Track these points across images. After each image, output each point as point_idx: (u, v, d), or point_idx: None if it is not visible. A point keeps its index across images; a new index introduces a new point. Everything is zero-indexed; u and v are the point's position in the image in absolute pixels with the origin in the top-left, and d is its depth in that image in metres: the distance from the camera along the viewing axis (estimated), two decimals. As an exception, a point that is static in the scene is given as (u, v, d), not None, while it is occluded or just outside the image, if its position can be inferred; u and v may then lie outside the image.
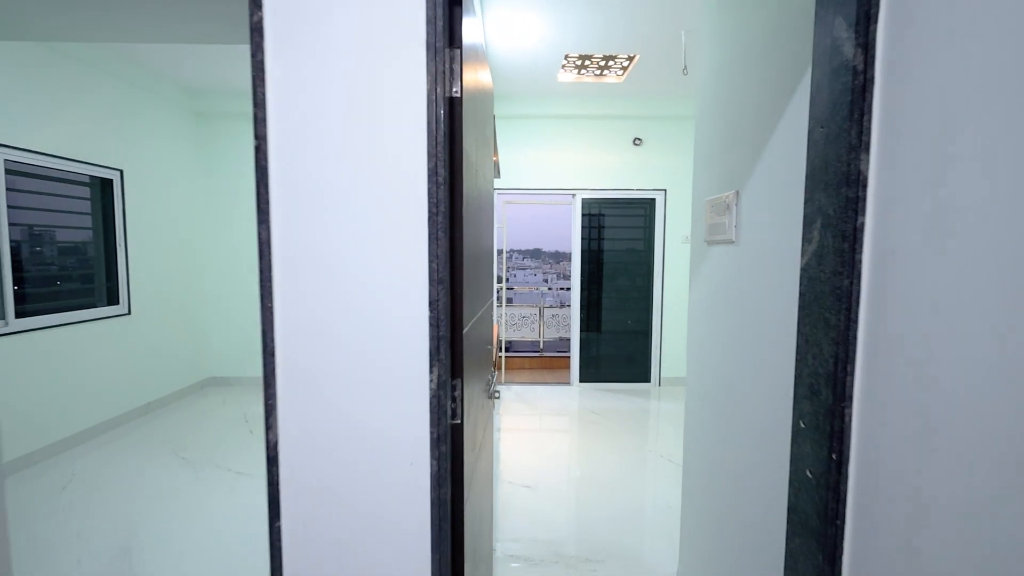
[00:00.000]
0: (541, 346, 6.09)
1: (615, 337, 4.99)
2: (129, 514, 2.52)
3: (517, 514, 2.58)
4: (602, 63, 3.85)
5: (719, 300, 1.62)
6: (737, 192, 1.47)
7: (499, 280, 5.29)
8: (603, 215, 4.91)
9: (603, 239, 4.94)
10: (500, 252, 5.38)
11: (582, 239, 4.88)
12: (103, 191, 3.72)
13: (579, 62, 3.84)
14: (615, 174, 4.80)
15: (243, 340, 4.77)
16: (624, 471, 3.10)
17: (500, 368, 5.31)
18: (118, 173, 3.75)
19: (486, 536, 1.59)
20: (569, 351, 5.08)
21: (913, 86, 0.82)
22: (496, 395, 1.70)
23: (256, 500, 2.67)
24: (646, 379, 4.96)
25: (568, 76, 4.12)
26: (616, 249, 4.94)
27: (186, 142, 4.49)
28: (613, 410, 4.26)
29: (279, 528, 0.96)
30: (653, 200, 4.84)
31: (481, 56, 1.42)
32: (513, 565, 2.15)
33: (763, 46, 1.35)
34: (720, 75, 1.66)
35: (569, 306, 5.12)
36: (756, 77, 1.39)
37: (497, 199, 4.87)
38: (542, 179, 4.83)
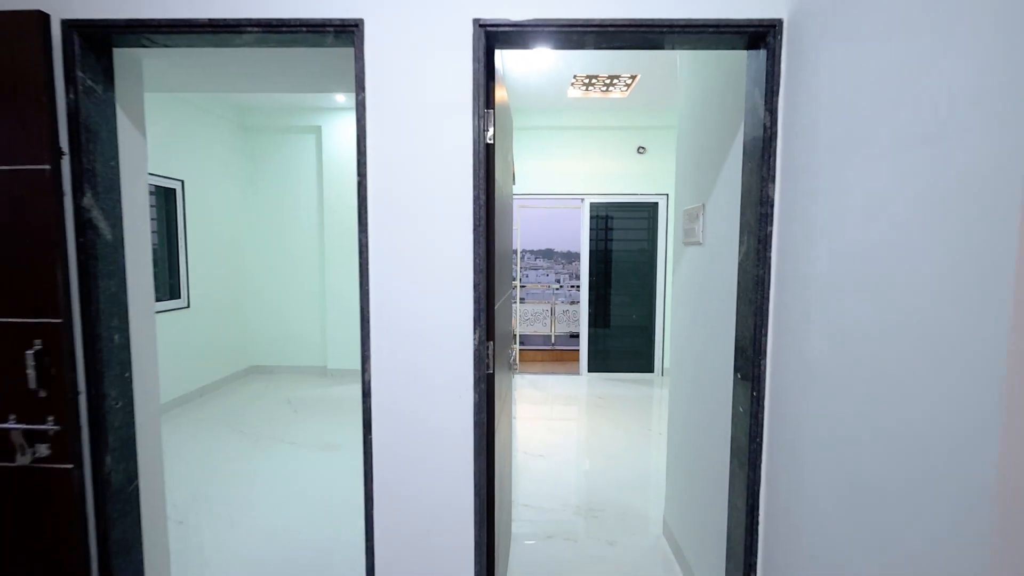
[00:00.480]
0: (553, 340, 6.51)
1: (621, 331, 5.40)
2: (204, 472, 3.01)
3: (531, 477, 3.01)
4: (607, 81, 4.26)
5: (692, 289, 2.04)
6: (703, 204, 1.88)
7: (514, 278, 5.75)
8: (610, 217, 5.32)
9: (610, 240, 5.35)
10: (515, 252, 5.82)
11: (590, 240, 5.29)
12: (167, 199, 4.24)
13: (586, 80, 4.25)
14: (620, 180, 5.20)
15: (282, 332, 5.27)
16: (626, 445, 3.51)
17: (516, 361, 5.75)
18: (180, 183, 4.27)
19: (507, 463, 2.02)
20: (578, 345, 5.49)
21: (797, 140, 1.24)
22: (515, 366, 2.13)
23: (307, 462, 3.14)
24: (650, 370, 5.36)
25: (576, 92, 4.54)
26: (622, 250, 5.34)
27: (236, 154, 5.00)
28: (618, 396, 4.66)
29: (371, 440, 1.41)
30: (656, 204, 5.23)
31: (503, 87, 1.85)
32: (527, 513, 2.58)
33: (721, 93, 1.76)
34: (693, 111, 2.07)
35: (579, 303, 5.53)
36: (716, 117, 1.80)
37: (513, 203, 5.31)
38: (553, 185, 5.26)
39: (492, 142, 1.43)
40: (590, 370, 5.37)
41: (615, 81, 4.24)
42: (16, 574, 1.32)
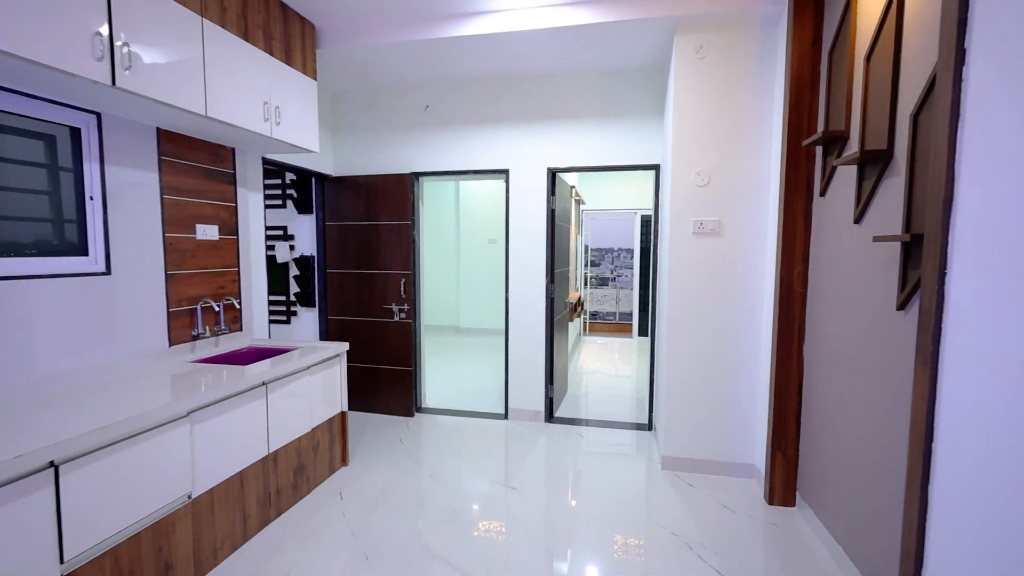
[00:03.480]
0: (617, 317, 8.62)
1: (665, 308, 7.40)
2: (410, 366, 5.69)
3: (588, 378, 5.28)
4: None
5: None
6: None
7: (586, 266, 7.98)
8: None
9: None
10: (587, 246, 8.04)
11: (640, 242, 7.36)
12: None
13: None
14: (664, 198, 7.20)
15: (430, 303, 7.99)
16: (643, 367, 5.62)
17: (586, 329, 7.99)
18: (380, 208, 7.10)
19: (563, 348, 4.35)
20: (631, 319, 7.57)
21: (661, 212, 3.44)
22: (581, 311, 4.45)
23: (460, 365, 5.69)
24: (685, 336, 7.30)
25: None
26: (665, 248, 7.34)
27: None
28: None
29: (508, 360, 3.82)
30: (691, 215, 7.16)
31: (562, 182, 4.17)
32: (579, 390, 4.86)
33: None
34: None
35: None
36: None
37: (585, 216, 7.57)
38: (614, 203, 7.41)
39: (553, 208, 3.76)
40: (639, 335, 7.45)
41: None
42: (393, 359, 3.93)
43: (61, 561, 1.47)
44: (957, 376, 1.24)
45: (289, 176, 4.05)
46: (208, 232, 2.71)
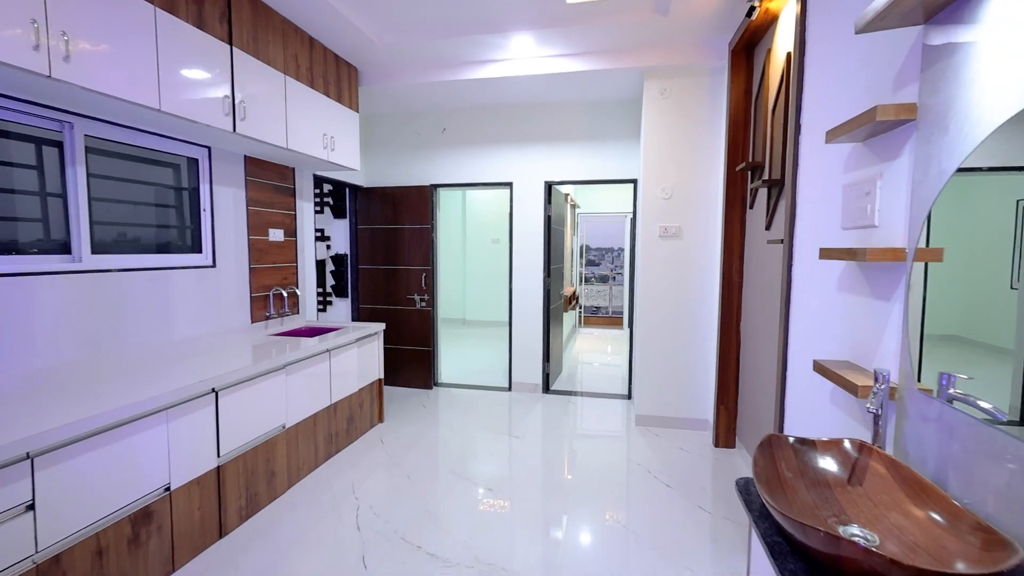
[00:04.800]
0: (610, 311, 9.37)
1: (653, 302, 8.15)
2: (423, 352, 6.43)
3: (583, 365, 6.02)
4: (635, 147, 7.10)
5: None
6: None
7: (585, 265, 8.72)
8: (645, 227, 8.08)
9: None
10: (586, 247, 8.78)
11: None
12: (387, 220, 7.84)
13: (622, 147, 7.12)
14: (652, 202, 7.94)
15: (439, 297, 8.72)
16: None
17: (581, 321, 8.73)
18: (394, 211, 7.84)
19: (559, 334, 5.10)
20: (622, 311, 8.31)
21: (639, 217, 4.19)
22: (575, 304, 5.19)
23: (468, 350, 6.43)
24: (671, 328, 8.05)
25: (618, 151, 7.41)
26: (653, 248, 8.09)
27: (416, 192, 8.56)
28: (641, 339, 7.48)
29: (511, 342, 4.56)
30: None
31: (557, 191, 4.91)
32: (574, 372, 5.61)
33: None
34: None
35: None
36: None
37: (580, 218, 8.32)
38: (606, 206, 8.15)
39: (550, 214, 4.50)
40: (629, 325, 8.19)
41: (640, 147, 7.07)
42: (414, 340, 4.67)
43: (218, 455, 2.21)
44: (795, 327, 1.98)
45: (327, 187, 4.78)
46: (277, 235, 3.45)
